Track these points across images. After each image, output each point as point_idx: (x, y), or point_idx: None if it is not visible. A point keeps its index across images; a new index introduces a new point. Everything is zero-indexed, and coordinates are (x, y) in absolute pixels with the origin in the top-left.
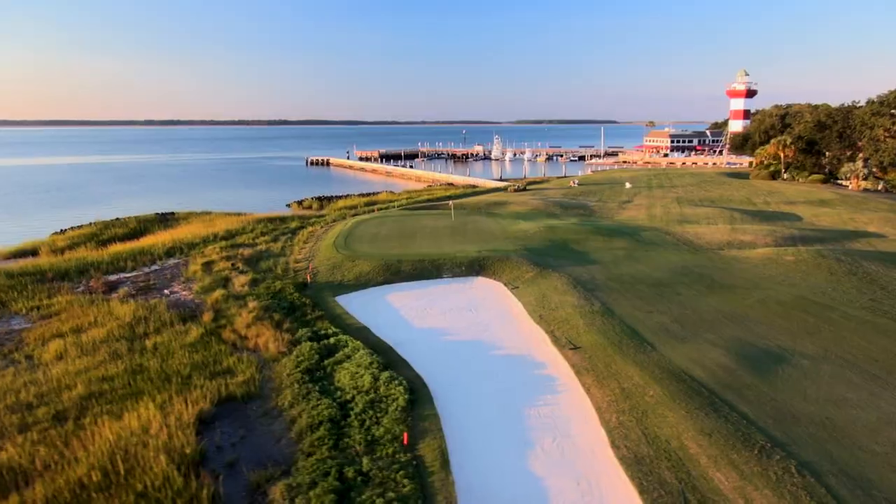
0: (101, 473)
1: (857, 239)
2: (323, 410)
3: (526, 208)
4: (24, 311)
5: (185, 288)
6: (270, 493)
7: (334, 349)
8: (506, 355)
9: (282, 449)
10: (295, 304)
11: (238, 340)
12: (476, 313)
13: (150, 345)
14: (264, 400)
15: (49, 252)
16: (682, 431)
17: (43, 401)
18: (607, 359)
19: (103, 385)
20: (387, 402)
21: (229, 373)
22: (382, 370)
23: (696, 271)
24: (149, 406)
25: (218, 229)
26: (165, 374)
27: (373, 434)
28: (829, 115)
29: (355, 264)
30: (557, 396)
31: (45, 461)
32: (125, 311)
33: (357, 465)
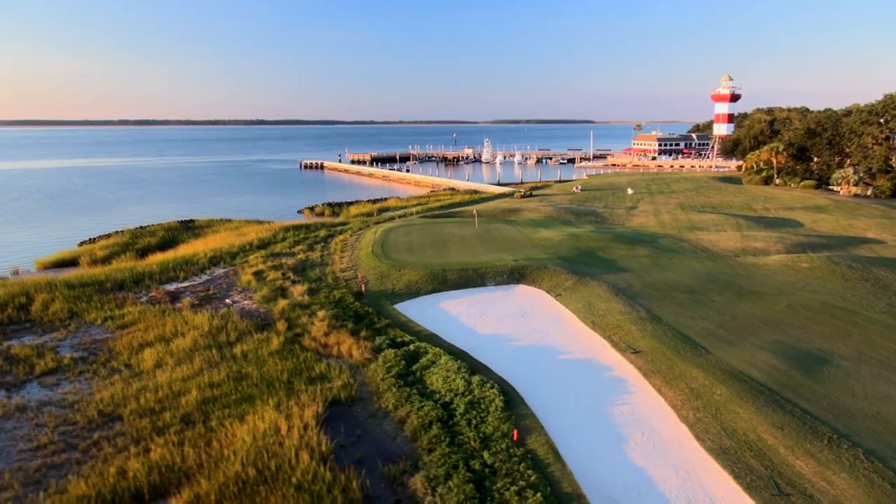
0: (255, 469)
1: (859, 245)
2: (430, 411)
3: (540, 215)
4: (98, 321)
5: (246, 297)
6: (411, 485)
7: (416, 355)
8: (573, 359)
9: (399, 446)
10: (359, 313)
11: (320, 348)
12: (530, 320)
13: (238, 352)
14: (366, 403)
15: (89, 262)
16: (756, 425)
17: (164, 406)
18: (668, 362)
19: (214, 391)
20: (485, 403)
21: (324, 378)
22: (472, 374)
23: (722, 279)
24: (266, 409)
25: (250, 238)
26: (267, 380)
27: (483, 432)
28: (819, 122)
29: (402, 273)
30: (632, 396)
31: (196, 460)
32: (200, 320)
33: (479, 458)
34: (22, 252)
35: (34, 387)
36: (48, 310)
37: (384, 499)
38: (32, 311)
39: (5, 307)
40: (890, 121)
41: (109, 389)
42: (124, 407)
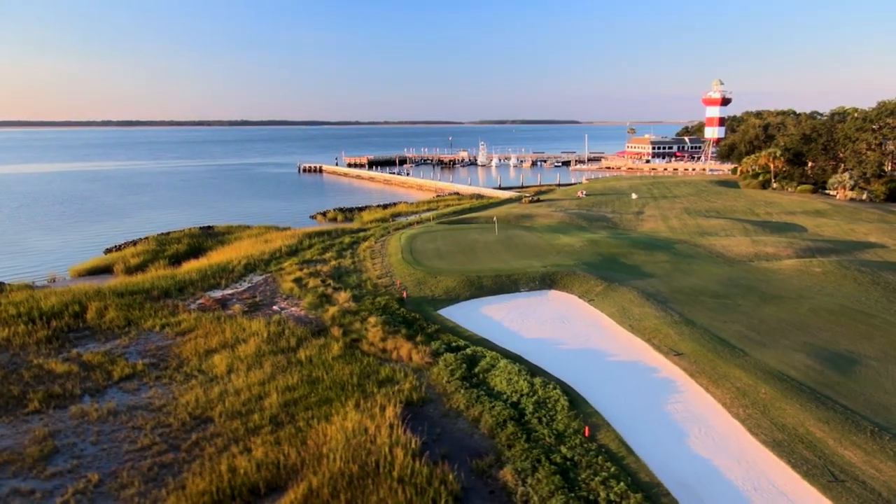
0: (357, 465)
1: (864, 249)
2: (501, 411)
3: (554, 221)
4: (157, 328)
5: (292, 304)
6: (500, 477)
7: (474, 359)
8: (621, 361)
9: (478, 442)
10: (407, 319)
11: (379, 353)
12: (569, 324)
13: (303, 357)
14: (436, 403)
15: (124, 270)
16: (803, 420)
17: (250, 409)
18: (711, 363)
19: (292, 394)
20: (551, 402)
21: (391, 381)
22: (532, 376)
23: (742, 283)
24: (346, 410)
25: (277, 245)
26: (339, 384)
27: (555, 429)
28: (814, 128)
29: (438, 280)
30: (683, 395)
31: (298, 457)
32: (257, 327)
33: (558, 453)
34: (50, 259)
35: (116, 392)
36: (103, 318)
37: (478, 490)
38: (88, 319)
39: (61, 315)
40: (883, 127)
41: (191, 394)
42: (212, 410)
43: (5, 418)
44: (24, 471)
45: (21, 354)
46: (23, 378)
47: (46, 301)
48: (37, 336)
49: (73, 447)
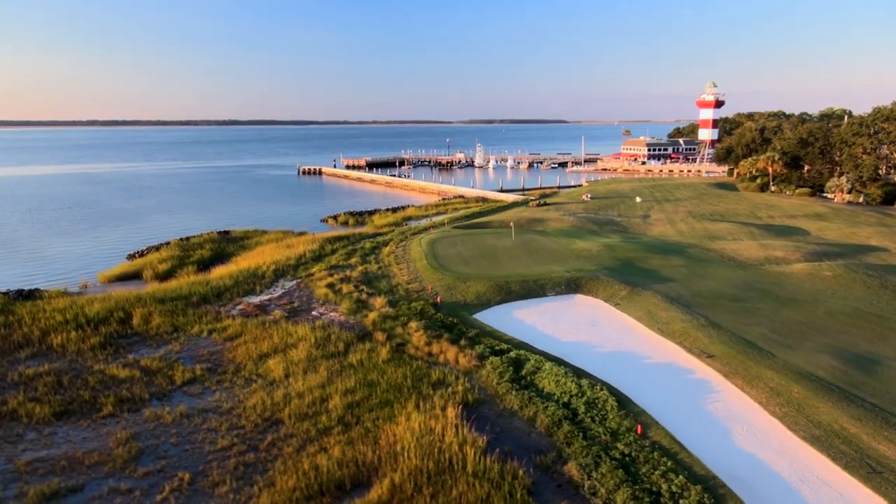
0: (433, 462)
1: (867, 253)
2: (555, 411)
3: (565, 225)
4: (204, 334)
5: (330, 309)
6: (565, 472)
7: (518, 362)
8: (656, 363)
9: (536, 441)
10: (445, 324)
11: (426, 356)
12: (601, 328)
13: (354, 361)
14: (489, 404)
15: (153, 276)
16: (837, 417)
17: (316, 411)
18: (742, 365)
19: (353, 396)
20: (600, 402)
21: (444, 384)
22: (579, 378)
23: (758, 287)
24: (408, 411)
25: (300, 251)
26: (395, 386)
27: (609, 427)
28: (811, 133)
29: (468, 285)
30: (721, 395)
31: (373, 455)
32: (303, 332)
33: (616, 449)
34: (76, 266)
35: (182, 396)
36: (150, 324)
37: (546, 484)
38: (135, 325)
39: (107, 321)
40: (879, 132)
41: (255, 397)
42: (280, 412)
43: (83, 422)
44: (116, 471)
45: (79, 360)
46: (88, 383)
47: (91, 307)
48: (90, 342)
49: (157, 448)
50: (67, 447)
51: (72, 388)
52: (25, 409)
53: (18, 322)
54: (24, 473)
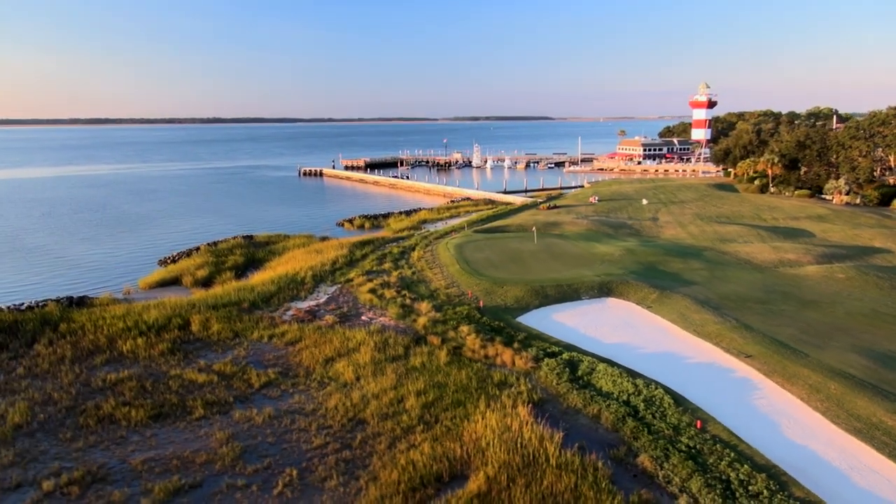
0: (518, 456)
1: (873, 255)
2: (618, 408)
3: (581, 229)
4: (264, 339)
5: (379, 314)
6: (638, 463)
7: (572, 363)
8: (699, 363)
9: (604, 436)
10: (494, 327)
11: (483, 359)
12: (638, 330)
13: (417, 364)
14: (553, 403)
15: (192, 282)
16: (874, 411)
17: (395, 410)
18: (779, 364)
19: (427, 397)
20: (657, 400)
21: (506, 384)
22: (634, 378)
23: (778, 289)
24: (481, 410)
25: (331, 256)
26: (462, 387)
27: (671, 422)
28: (808, 135)
29: (505, 290)
30: (763, 392)
31: (461, 451)
32: (361, 336)
33: (680, 442)
34: (110, 272)
35: (263, 399)
36: (209, 330)
37: (622, 474)
38: (195, 331)
39: (167, 327)
40: (875, 136)
41: (333, 399)
42: (363, 413)
43: (178, 424)
44: (227, 469)
45: (153, 366)
46: (171, 388)
47: (148, 314)
48: (159, 348)
49: (257, 448)
50: (173, 448)
51: (156, 393)
52: (122, 413)
53: (82, 329)
54: (142, 472)
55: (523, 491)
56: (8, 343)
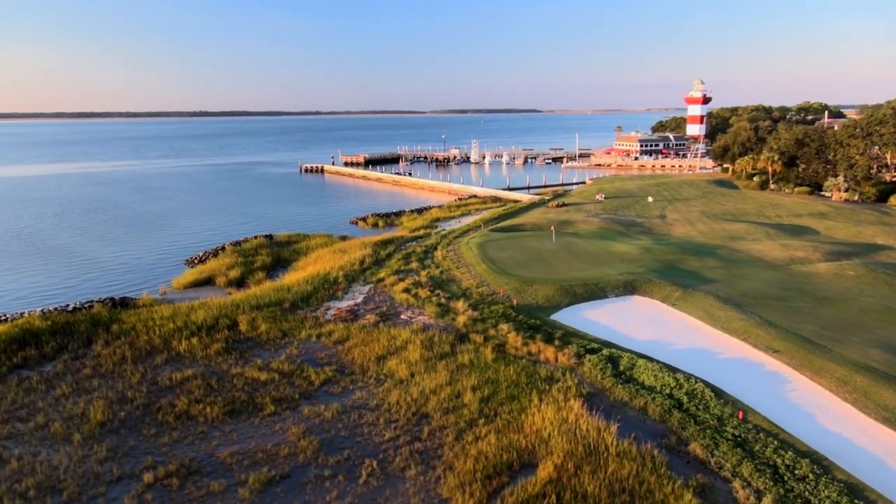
0: (581, 446)
1: (877, 252)
2: (663, 401)
3: (594, 227)
4: (313, 338)
5: (418, 314)
6: (690, 451)
7: (612, 358)
8: (730, 358)
9: (652, 426)
10: (531, 325)
11: (527, 355)
12: (667, 326)
13: (465, 361)
14: (599, 397)
15: (225, 283)
16: None
17: (455, 405)
18: (806, 358)
19: (482, 392)
20: (699, 393)
21: (553, 379)
22: (674, 372)
23: (793, 287)
24: (535, 404)
25: (357, 255)
26: (513, 382)
27: (714, 413)
28: (807, 133)
29: (535, 289)
30: (794, 384)
31: (525, 442)
32: (406, 335)
33: (726, 432)
34: (141, 272)
35: (326, 395)
36: (257, 329)
37: (677, 461)
38: (243, 331)
39: (215, 328)
40: (872, 134)
41: (393, 395)
42: (425, 407)
43: (253, 420)
44: (310, 460)
45: (211, 364)
46: (236, 386)
47: (195, 315)
48: (214, 348)
49: (332, 441)
50: (254, 442)
51: (223, 391)
52: (197, 410)
53: (133, 329)
54: (232, 465)
55: (590, 477)
56: (67, 344)
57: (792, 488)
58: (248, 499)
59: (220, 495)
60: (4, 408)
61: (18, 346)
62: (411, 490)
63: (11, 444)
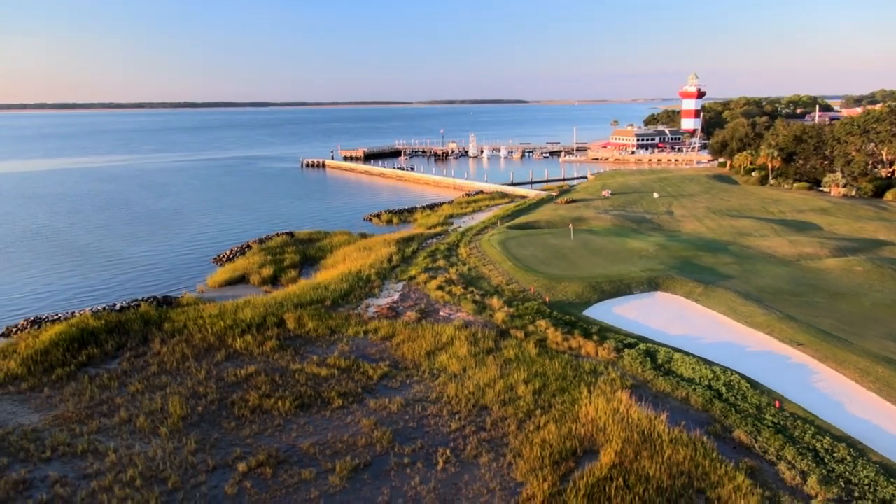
0: (636, 434)
1: (880, 247)
2: (704, 392)
3: (607, 224)
4: (360, 335)
5: (455, 311)
6: (735, 437)
7: (649, 352)
8: (757, 351)
9: (696, 415)
10: (566, 321)
11: (568, 350)
12: (694, 321)
13: (511, 356)
14: (642, 388)
15: (259, 281)
16: None
17: (511, 397)
18: (829, 350)
19: (534, 385)
20: (735, 384)
21: (597, 373)
22: (710, 364)
23: (806, 282)
24: (585, 395)
25: (382, 253)
26: (561, 375)
27: (752, 403)
28: (804, 130)
29: (563, 286)
30: (820, 375)
31: (583, 430)
32: (450, 331)
33: (766, 419)
34: (174, 272)
35: (386, 389)
36: (305, 327)
37: (723, 446)
38: (291, 328)
39: (264, 325)
40: (869, 132)
41: (450, 388)
42: (483, 399)
43: (324, 413)
44: (387, 449)
45: (269, 361)
46: (299, 381)
47: (242, 313)
48: (269, 345)
49: (403, 432)
50: (331, 433)
51: (287, 386)
52: (269, 404)
53: (185, 327)
54: (315, 455)
55: (650, 462)
56: (125, 342)
57: (833, 469)
58: (339, 485)
59: (312, 482)
60: (84, 404)
61: (79, 345)
62: (487, 475)
63: (102, 437)
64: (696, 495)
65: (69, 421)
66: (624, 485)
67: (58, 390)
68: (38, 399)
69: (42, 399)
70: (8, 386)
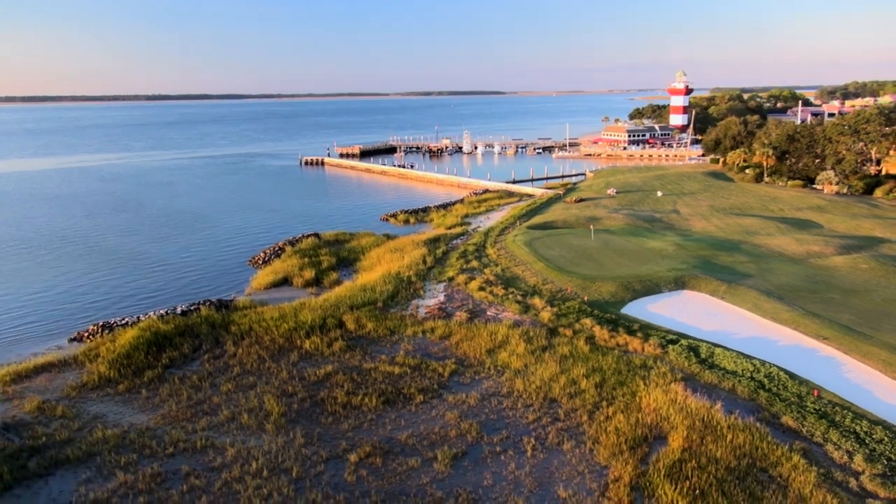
0: (698, 421)
1: (879, 245)
2: (748, 383)
3: (620, 223)
4: (419, 334)
5: (501, 311)
6: (783, 422)
7: (692, 347)
8: (788, 345)
9: (742, 404)
10: (608, 319)
11: (616, 346)
12: (723, 318)
13: (565, 353)
14: (691, 381)
15: (302, 283)
16: None
17: (576, 391)
18: (853, 344)
19: (594, 379)
20: (775, 375)
21: (647, 367)
22: (750, 358)
23: (819, 280)
24: (641, 387)
25: (415, 254)
26: (616, 370)
27: (792, 392)
28: (797, 130)
29: (597, 285)
30: (848, 366)
31: (647, 419)
32: (504, 330)
33: (807, 406)
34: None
35: (458, 385)
36: (364, 328)
37: (775, 431)
38: (351, 329)
39: (325, 327)
40: (860, 132)
41: (518, 383)
42: (551, 393)
43: (409, 407)
44: (478, 439)
45: (342, 360)
46: (377, 379)
47: (303, 315)
48: (337, 345)
49: (486, 423)
50: (423, 426)
51: (367, 384)
52: (356, 401)
53: (251, 330)
54: (415, 445)
55: (715, 447)
56: (200, 345)
57: (874, 449)
58: (444, 472)
59: (420, 470)
60: (184, 403)
61: (157, 348)
62: (573, 460)
63: (214, 433)
64: (759, 473)
65: (178, 419)
66: (697, 466)
67: (154, 391)
68: (138, 400)
69: (143, 399)
70: (105, 388)
